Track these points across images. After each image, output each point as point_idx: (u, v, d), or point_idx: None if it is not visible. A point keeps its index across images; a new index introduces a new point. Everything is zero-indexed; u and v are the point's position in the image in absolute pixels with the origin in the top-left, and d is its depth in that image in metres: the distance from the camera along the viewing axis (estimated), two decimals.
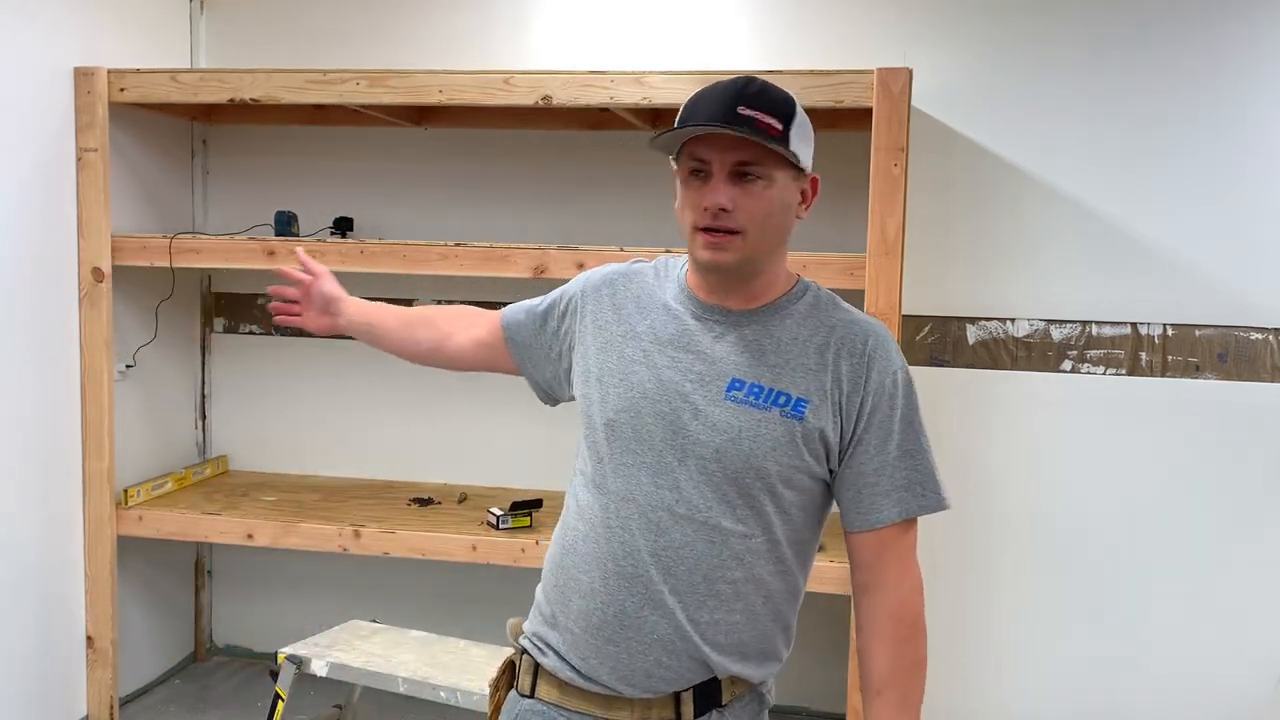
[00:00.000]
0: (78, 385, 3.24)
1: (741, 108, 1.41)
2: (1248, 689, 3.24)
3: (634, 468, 1.48)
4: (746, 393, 1.46)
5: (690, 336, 1.50)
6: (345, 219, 3.57)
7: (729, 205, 1.43)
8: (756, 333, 1.50)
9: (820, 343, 1.49)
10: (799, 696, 3.57)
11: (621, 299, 1.58)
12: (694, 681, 1.51)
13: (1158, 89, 3.19)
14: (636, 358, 1.51)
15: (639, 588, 1.47)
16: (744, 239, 1.45)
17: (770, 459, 1.45)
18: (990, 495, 3.36)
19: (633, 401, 1.49)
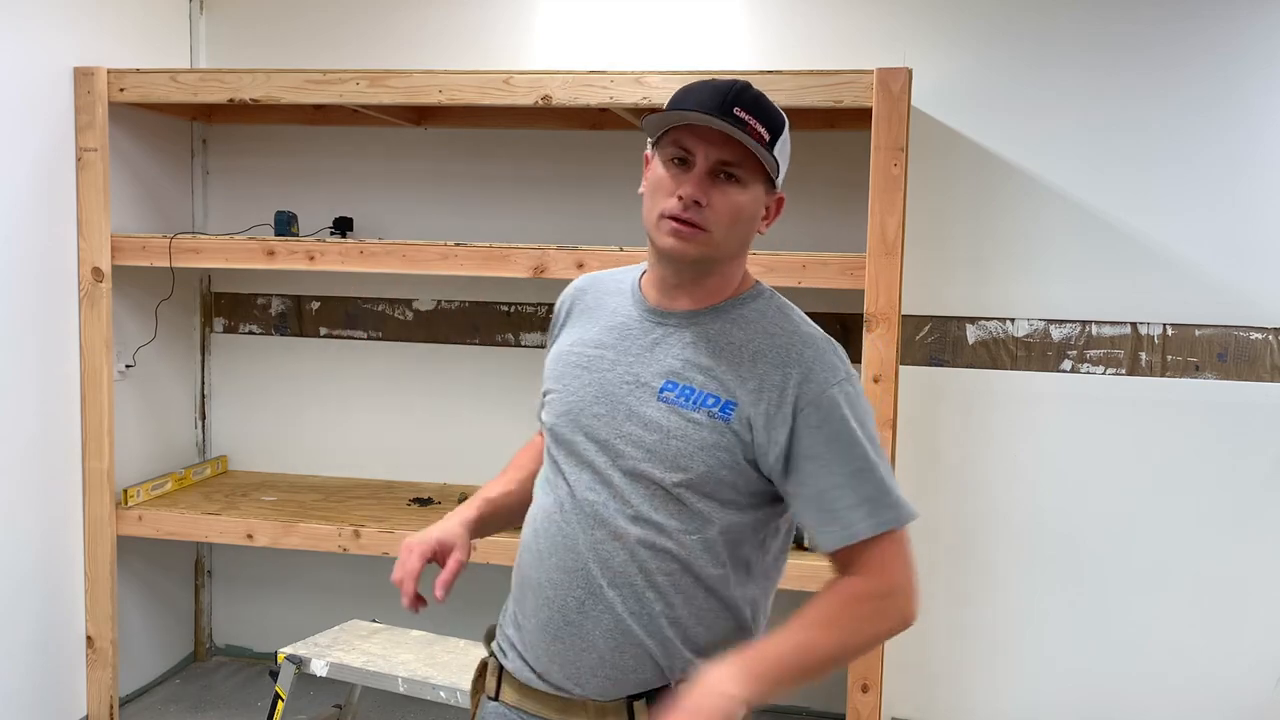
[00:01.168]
0: (77, 385, 3.25)
1: (737, 109, 1.42)
2: (1248, 689, 3.24)
3: (576, 469, 1.52)
4: (678, 394, 1.48)
5: (632, 339, 1.54)
6: (345, 219, 3.57)
7: (704, 200, 1.43)
8: (697, 335, 1.51)
9: (758, 349, 1.48)
10: (799, 696, 3.57)
11: (581, 306, 1.63)
12: (646, 684, 1.49)
13: (1157, 89, 3.19)
14: (581, 363, 1.56)
15: (579, 582, 1.50)
16: (709, 237, 1.45)
17: (697, 460, 1.45)
18: (990, 495, 3.36)
19: (573, 405, 1.53)
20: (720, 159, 1.43)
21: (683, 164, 1.45)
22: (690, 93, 1.46)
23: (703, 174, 1.44)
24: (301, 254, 3.18)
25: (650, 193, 1.49)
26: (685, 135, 1.44)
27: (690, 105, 1.43)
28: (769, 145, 1.45)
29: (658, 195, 1.47)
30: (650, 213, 1.48)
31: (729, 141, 1.42)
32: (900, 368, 3.01)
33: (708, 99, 1.43)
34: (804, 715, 3.58)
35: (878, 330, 2.83)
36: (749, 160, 1.44)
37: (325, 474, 3.84)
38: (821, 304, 3.40)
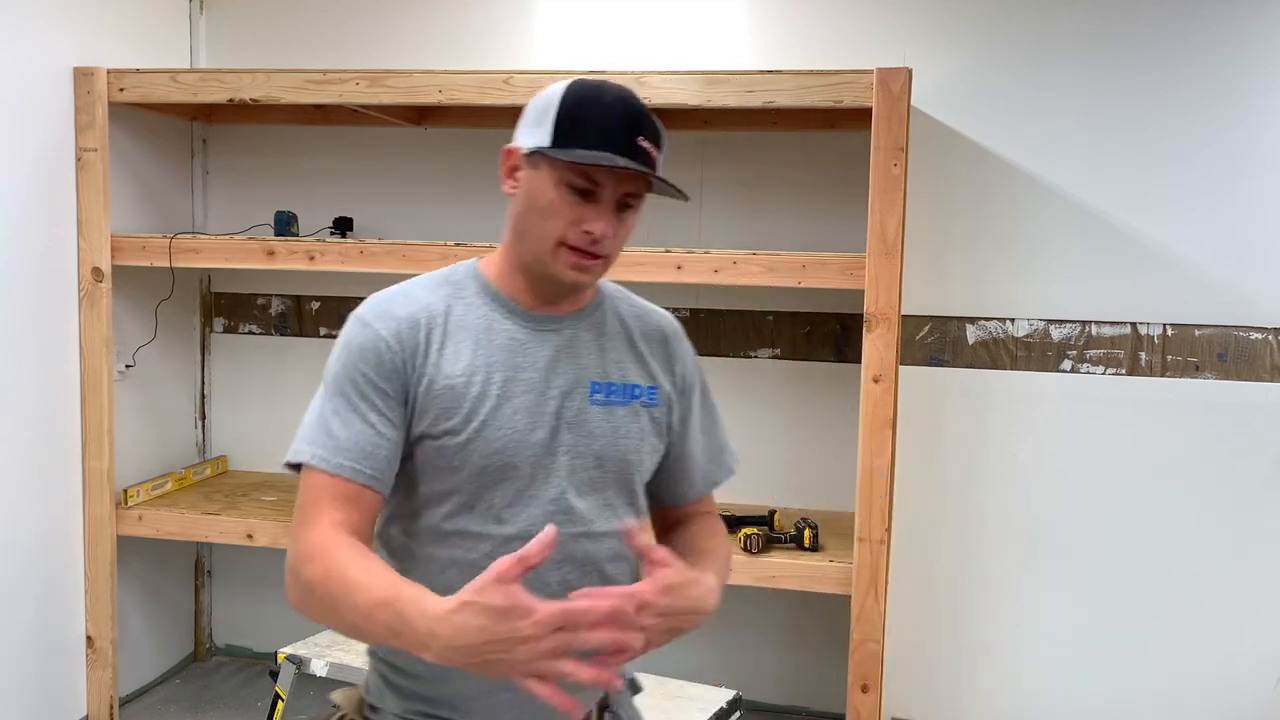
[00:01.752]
0: (77, 385, 3.25)
1: (641, 138, 1.36)
2: (1248, 689, 3.24)
3: (522, 505, 1.41)
4: (608, 393, 1.47)
5: (533, 354, 1.44)
6: (345, 219, 3.57)
7: (611, 235, 1.39)
8: (590, 331, 1.49)
9: (641, 331, 1.54)
10: (799, 696, 3.57)
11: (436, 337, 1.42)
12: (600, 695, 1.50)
13: (1157, 89, 3.20)
14: (491, 391, 1.40)
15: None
16: (606, 263, 1.42)
17: (641, 450, 1.49)
18: (989, 495, 3.36)
19: (510, 438, 1.40)
20: (626, 192, 1.39)
21: (586, 195, 1.37)
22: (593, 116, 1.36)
23: (610, 208, 1.38)
24: (301, 254, 3.18)
25: (540, 213, 1.38)
26: (590, 168, 1.35)
27: (598, 134, 1.35)
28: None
29: (552, 220, 1.37)
30: (543, 234, 1.38)
31: (635, 176, 1.37)
32: (900, 368, 3.01)
33: (614, 131, 1.35)
34: (804, 715, 3.58)
35: (878, 330, 2.83)
36: (645, 188, 1.41)
37: None
38: (821, 304, 3.43)
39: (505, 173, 1.44)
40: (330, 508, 1.36)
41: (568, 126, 1.36)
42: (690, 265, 2.95)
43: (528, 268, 1.44)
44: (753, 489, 3.45)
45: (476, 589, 1.16)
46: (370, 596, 1.24)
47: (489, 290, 1.47)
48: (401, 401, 1.40)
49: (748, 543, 3.01)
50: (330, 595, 1.28)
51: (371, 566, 1.29)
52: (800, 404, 3.51)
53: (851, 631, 2.91)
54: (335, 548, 1.31)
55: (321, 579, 1.29)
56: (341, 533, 1.34)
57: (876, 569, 2.87)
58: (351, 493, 1.37)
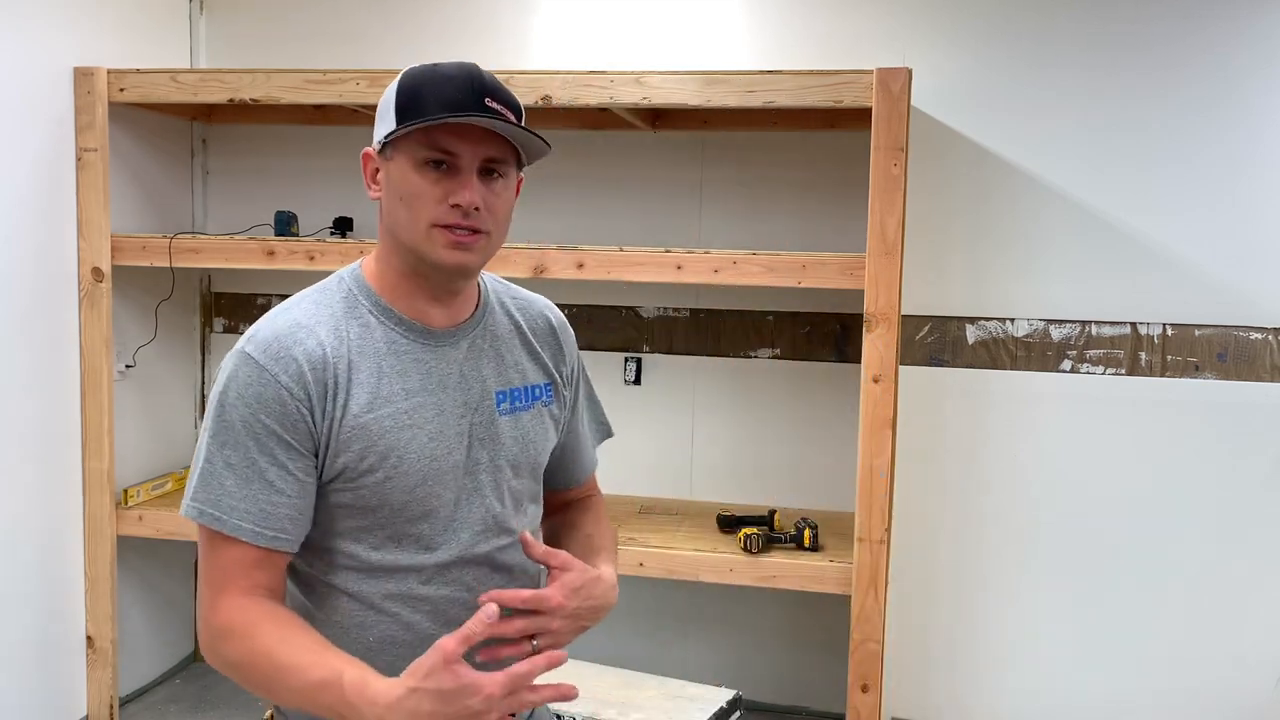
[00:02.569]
0: (77, 385, 3.25)
1: (489, 99, 1.30)
2: (1248, 689, 3.24)
3: (451, 531, 1.38)
4: (511, 401, 1.46)
5: (438, 373, 1.39)
6: (345, 219, 3.57)
7: (481, 204, 1.32)
8: (485, 339, 1.46)
9: (523, 330, 1.53)
10: (799, 696, 3.57)
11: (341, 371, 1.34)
12: None
13: (1158, 89, 3.20)
14: (403, 422, 1.34)
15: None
16: (487, 240, 1.36)
17: (545, 450, 1.52)
18: (989, 495, 3.36)
19: (428, 467, 1.35)
20: (487, 157, 1.32)
21: (439, 166, 1.31)
22: (430, 89, 1.30)
23: (472, 176, 1.32)
24: (301, 254, 3.18)
25: (406, 202, 1.32)
26: (441, 136, 1.29)
27: (439, 104, 1.29)
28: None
29: (419, 204, 1.31)
30: (413, 224, 1.32)
31: (490, 137, 1.31)
32: (900, 368, 3.01)
33: (459, 94, 1.29)
34: (804, 715, 3.58)
35: (877, 330, 2.83)
36: (509, 153, 1.35)
37: None
38: (821, 304, 3.43)
39: (368, 179, 1.39)
40: (236, 575, 1.29)
41: (408, 105, 1.31)
42: (690, 265, 2.95)
43: (410, 268, 1.37)
44: (753, 489, 3.46)
45: (423, 674, 1.13)
46: (307, 679, 1.20)
47: (381, 306, 1.39)
48: (310, 452, 1.32)
49: (748, 543, 3.01)
50: (260, 676, 1.24)
51: (298, 641, 1.24)
52: (800, 404, 3.51)
53: (851, 631, 2.91)
54: (253, 625, 1.25)
55: (247, 660, 1.25)
56: (255, 601, 1.28)
57: (876, 569, 2.87)
58: (256, 556, 1.30)
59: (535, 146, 1.35)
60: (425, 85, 1.30)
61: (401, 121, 1.31)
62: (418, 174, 1.31)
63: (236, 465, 1.29)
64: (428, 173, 1.31)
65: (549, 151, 1.37)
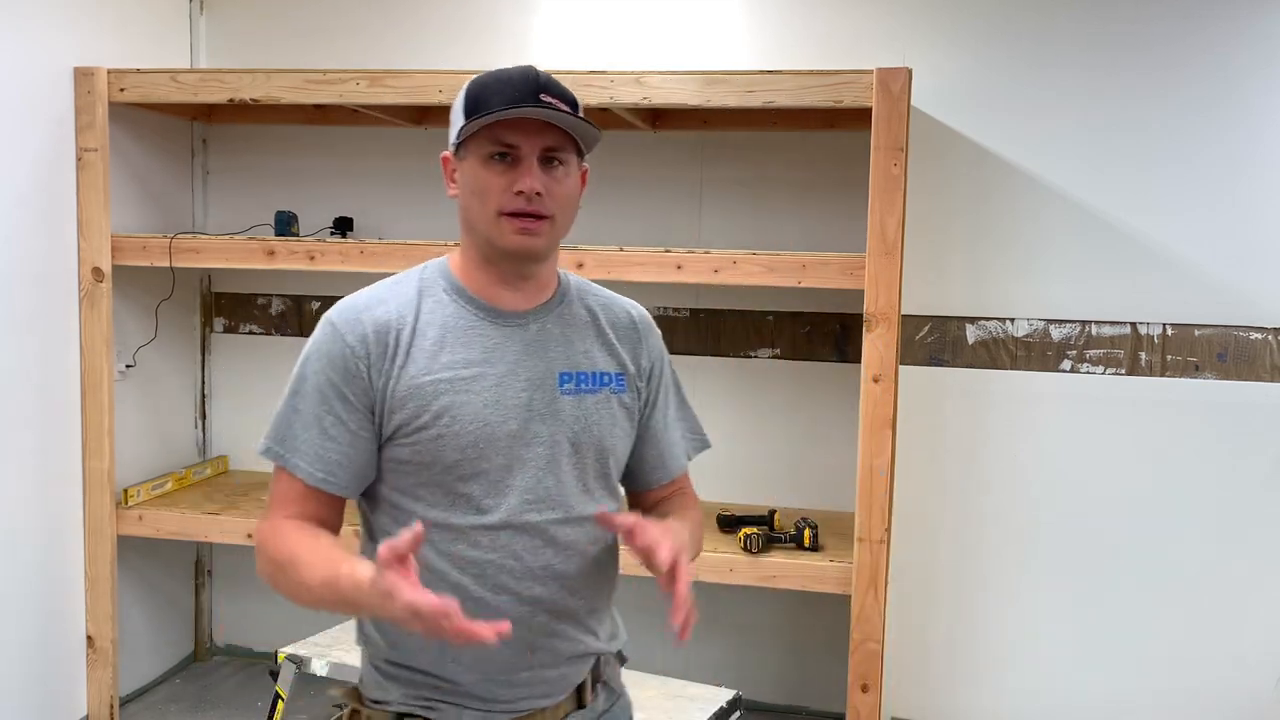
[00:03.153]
0: (78, 385, 3.25)
1: (544, 95, 1.44)
2: (1248, 689, 3.24)
3: (500, 495, 1.46)
4: (576, 382, 1.51)
5: (501, 349, 1.49)
6: (345, 219, 3.57)
7: (543, 190, 1.44)
8: (556, 324, 1.53)
9: (606, 322, 1.58)
10: (799, 696, 3.57)
11: (404, 338, 1.47)
12: (590, 666, 1.58)
13: (1157, 89, 3.20)
14: (457, 389, 1.45)
15: (541, 610, 1.48)
16: (552, 224, 1.47)
17: (613, 435, 1.54)
18: (989, 495, 3.36)
19: (480, 431, 1.45)
20: (545, 147, 1.44)
21: (504, 159, 1.44)
22: (492, 90, 1.45)
23: (533, 165, 1.44)
24: (302, 254, 3.18)
25: (477, 195, 1.46)
26: (503, 131, 1.43)
27: (500, 103, 1.42)
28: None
29: (488, 195, 1.45)
30: (484, 214, 1.45)
31: (548, 128, 1.44)
32: (900, 368, 3.01)
33: (516, 91, 1.43)
34: (804, 715, 3.58)
35: (877, 330, 2.83)
36: (567, 142, 1.46)
37: None
38: (822, 304, 3.43)
39: (447, 180, 1.53)
40: (289, 502, 1.48)
41: (473, 107, 1.45)
42: (690, 265, 2.95)
43: (485, 257, 1.50)
44: (753, 489, 3.46)
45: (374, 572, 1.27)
46: (316, 575, 1.37)
47: (456, 287, 1.52)
48: (367, 408, 1.46)
49: (748, 543, 3.02)
50: (286, 575, 1.42)
51: (316, 546, 1.41)
52: (800, 404, 3.51)
53: (851, 631, 2.91)
54: (283, 533, 1.44)
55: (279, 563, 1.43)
56: (295, 523, 1.46)
57: (876, 569, 2.87)
58: (305, 491, 1.47)
59: (588, 134, 1.47)
60: (488, 87, 1.46)
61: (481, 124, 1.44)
62: (485, 168, 1.44)
63: (302, 413, 1.47)
64: (494, 165, 1.44)
65: (600, 138, 1.48)
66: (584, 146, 1.50)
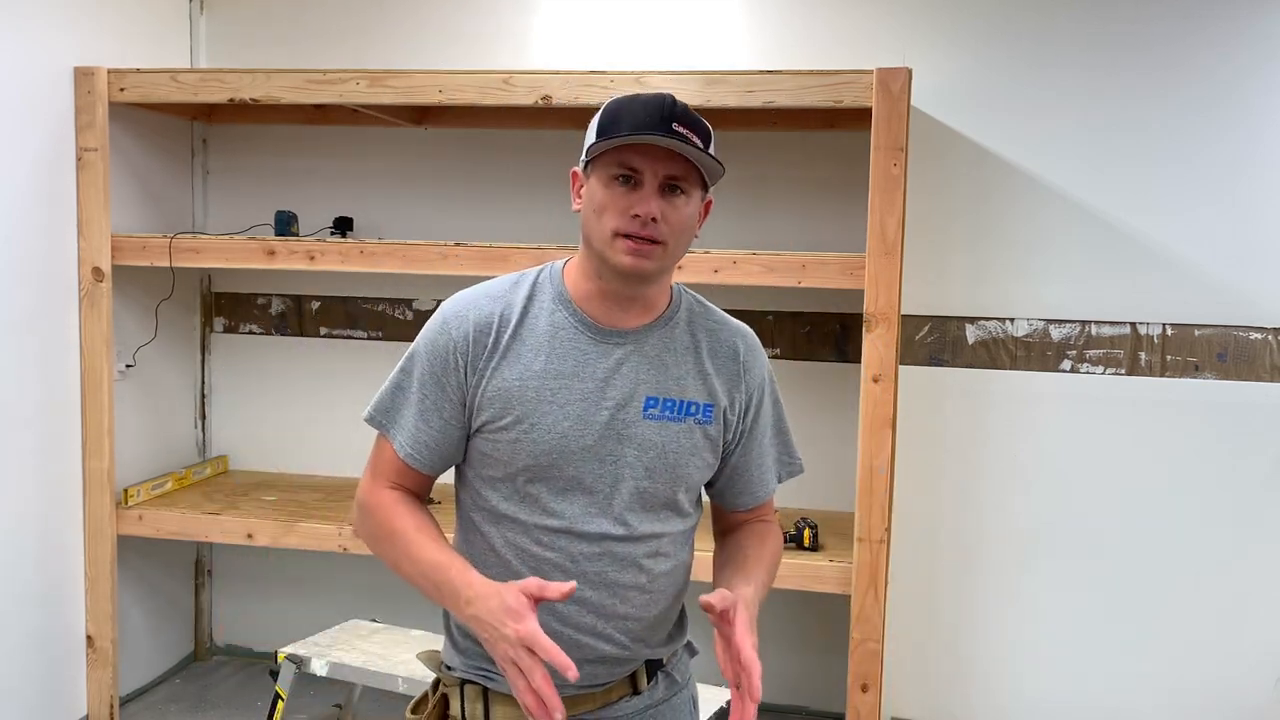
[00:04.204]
0: (77, 385, 3.25)
1: (676, 124, 1.46)
2: (1248, 689, 3.24)
3: (564, 502, 1.52)
4: (661, 409, 1.54)
5: (594, 363, 1.53)
6: (345, 219, 3.57)
7: (659, 216, 1.46)
8: (654, 348, 1.56)
9: (710, 348, 1.60)
10: (799, 696, 3.57)
11: (504, 340, 1.53)
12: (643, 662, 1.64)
13: (1158, 89, 3.20)
14: (544, 396, 1.51)
15: (586, 611, 1.54)
16: (664, 250, 1.49)
17: (692, 465, 1.57)
18: (989, 495, 3.36)
19: (556, 443, 1.50)
20: (669, 174, 1.47)
21: (627, 182, 1.47)
22: (626, 113, 1.48)
23: (654, 191, 1.46)
24: (301, 254, 3.18)
25: (597, 211, 1.49)
26: (629, 155, 1.46)
27: (630, 126, 1.46)
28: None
29: (606, 214, 1.48)
30: (600, 231, 1.49)
31: (673, 157, 1.46)
32: (900, 368, 3.02)
33: (649, 118, 1.46)
34: (804, 715, 3.58)
35: (877, 330, 2.83)
36: (690, 172, 1.48)
37: (325, 474, 3.84)
38: (821, 304, 3.43)
39: (574, 194, 1.57)
40: (388, 471, 1.58)
41: (607, 127, 1.49)
42: (690, 265, 2.95)
43: (596, 271, 1.53)
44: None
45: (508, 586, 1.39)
46: (426, 556, 1.49)
47: (564, 297, 1.56)
48: (459, 400, 1.54)
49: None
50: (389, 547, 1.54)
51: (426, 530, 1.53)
52: (800, 404, 3.49)
53: (851, 631, 2.91)
54: (392, 507, 1.55)
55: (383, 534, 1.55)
56: (397, 494, 1.57)
57: (876, 569, 2.87)
58: (401, 464, 1.57)
59: (713, 169, 1.49)
60: (622, 110, 1.50)
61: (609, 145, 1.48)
62: (607, 188, 1.48)
63: (406, 391, 1.56)
64: (616, 187, 1.48)
65: (724, 173, 1.50)
66: (708, 180, 1.51)
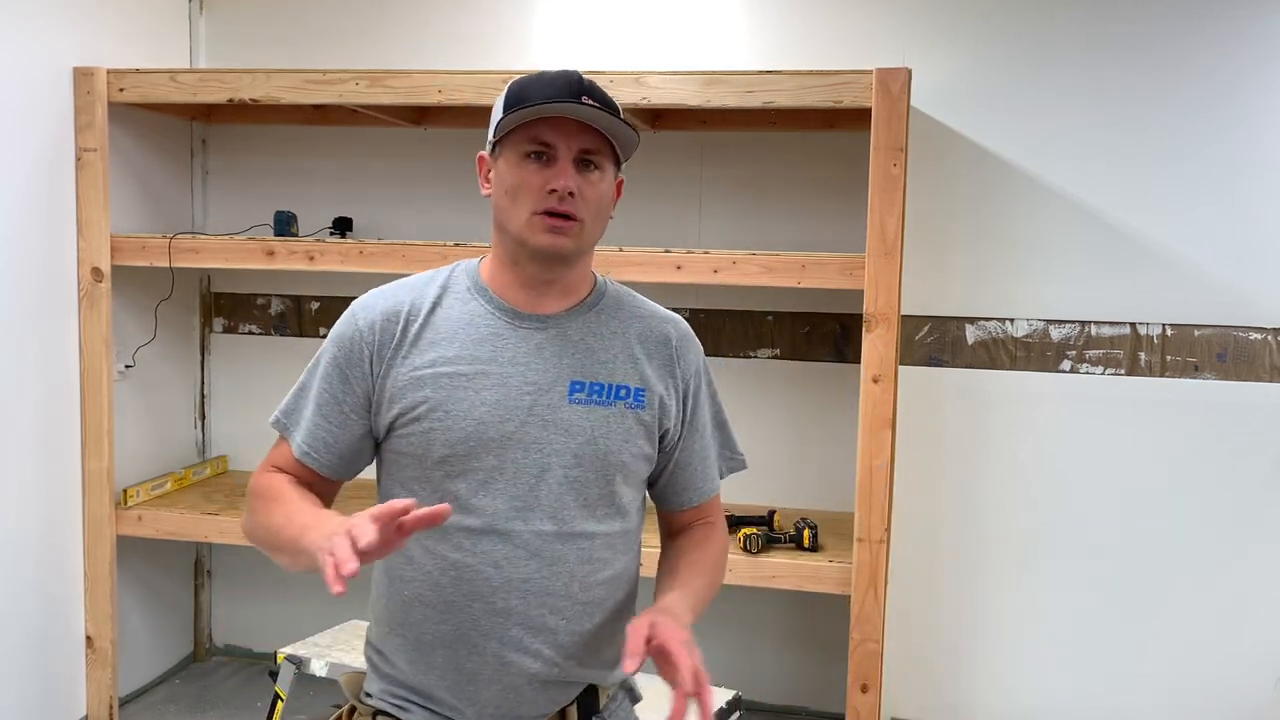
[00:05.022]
0: (77, 385, 3.24)
1: (585, 98, 1.42)
2: (1248, 689, 3.24)
3: (487, 497, 1.43)
4: (588, 392, 1.47)
5: (511, 347, 1.46)
6: (345, 219, 3.57)
7: (576, 191, 1.42)
8: (578, 332, 1.49)
9: (639, 334, 1.53)
10: (798, 696, 3.57)
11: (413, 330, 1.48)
12: (575, 696, 1.51)
13: (1158, 89, 3.20)
14: (458, 382, 1.44)
15: (513, 623, 1.44)
16: (582, 227, 1.44)
17: (625, 452, 1.48)
18: (989, 495, 3.36)
19: (473, 429, 1.43)
20: (582, 148, 1.43)
21: (539, 158, 1.43)
22: (534, 88, 1.44)
23: (568, 165, 1.42)
24: (301, 254, 3.18)
25: (510, 192, 1.44)
26: (541, 129, 1.42)
27: (540, 100, 1.41)
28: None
29: (521, 194, 1.43)
30: (515, 213, 1.44)
31: (585, 130, 1.42)
32: (899, 368, 3.01)
33: (557, 92, 1.41)
34: (804, 715, 3.58)
35: (877, 330, 2.83)
36: (604, 147, 1.45)
37: None
38: (820, 304, 3.43)
39: (482, 180, 1.53)
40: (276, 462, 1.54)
41: (514, 104, 1.43)
42: (690, 265, 2.95)
43: (513, 258, 1.48)
44: (753, 489, 3.45)
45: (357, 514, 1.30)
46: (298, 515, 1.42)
47: (479, 286, 1.51)
48: (363, 394, 1.48)
49: (748, 543, 3.01)
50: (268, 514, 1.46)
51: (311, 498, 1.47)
52: (800, 404, 3.51)
53: (851, 631, 2.91)
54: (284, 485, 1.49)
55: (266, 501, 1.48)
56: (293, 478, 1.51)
57: (876, 569, 2.87)
58: (299, 467, 1.52)
59: (626, 138, 1.45)
60: (529, 86, 1.45)
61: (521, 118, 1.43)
62: (520, 166, 1.43)
63: (309, 389, 1.53)
64: (529, 164, 1.43)
65: (638, 142, 1.46)
66: (621, 153, 1.48)
